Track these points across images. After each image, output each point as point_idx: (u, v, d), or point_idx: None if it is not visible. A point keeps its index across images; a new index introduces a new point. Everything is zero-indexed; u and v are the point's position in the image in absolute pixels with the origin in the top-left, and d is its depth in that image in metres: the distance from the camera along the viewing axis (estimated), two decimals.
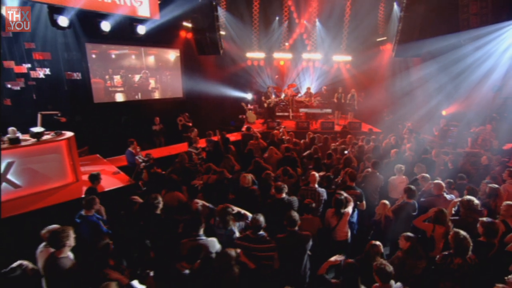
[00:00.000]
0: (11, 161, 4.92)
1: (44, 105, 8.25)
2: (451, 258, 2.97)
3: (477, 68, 8.90)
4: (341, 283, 2.70)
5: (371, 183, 5.13)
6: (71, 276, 2.81)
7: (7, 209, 4.77)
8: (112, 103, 10.65)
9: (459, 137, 9.42)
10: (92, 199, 3.95)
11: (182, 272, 2.65)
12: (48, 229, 3.28)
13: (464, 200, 3.75)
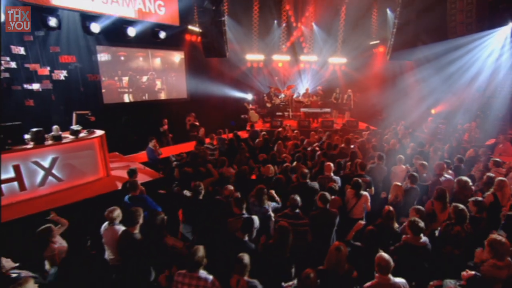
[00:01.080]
0: (55, 157, 5.41)
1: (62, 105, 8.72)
2: (452, 226, 3.70)
3: (464, 72, 9.86)
4: (364, 246, 3.39)
5: (376, 173, 5.87)
6: (143, 247, 3.39)
7: (52, 201, 5.26)
8: (121, 103, 11.09)
9: (447, 133, 10.34)
10: (135, 181, 4.55)
11: (243, 239, 3.28)
12: (110, 210, 3.80)
13: (461, 180, 4.54)
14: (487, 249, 3.10)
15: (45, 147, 5.32)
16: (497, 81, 9.48)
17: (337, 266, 2.84)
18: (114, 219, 3.73)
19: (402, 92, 12.31)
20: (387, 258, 2.73)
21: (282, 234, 3.25)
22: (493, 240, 3.04)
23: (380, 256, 2.78)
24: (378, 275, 2.73)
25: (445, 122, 10.99)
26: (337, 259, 2.81)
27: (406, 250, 3.31)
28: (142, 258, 3.36)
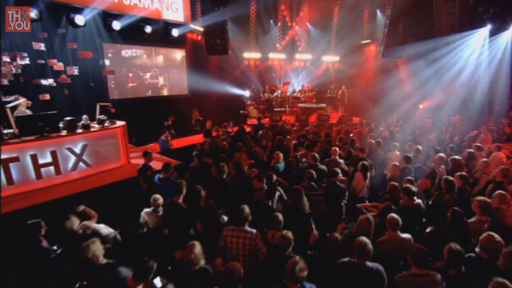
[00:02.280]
0: (85, 144, 5.93)
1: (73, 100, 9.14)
2: (443, 195, 4.46)
3: (449, 69, 10.84)
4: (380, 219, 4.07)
5: (375, 157, 6.62)
6: (186, 214, 3.99)
7: (83, 185, 5.78)
8: (125, 99, 11.53)
9: (434, 126, 11.28)
10: (169, 164, 5.11)
11: (268, 204, 3.96)
12: (155, 198, 4.32)
13: (455, 159, 5.37)
14: (476, 209, 3.84)
15: (77, 134, 5.84)
16: (478, 77, 10.49)
17: (367, 234, 3.43)
18: (159, 206, 4.28)
19: (392, 88, 13.20)
20: (396, 217, 3.40)
21: (296, 195, 3.92)
22: (482, 200, 3.80)
23: (390, 216, 3.45)
24: (389, 231, 3.40)
25: (431, 116, 11.95)
26: (368, 228, 3.42)
27: (404, 211, 4.02)
28: (185, 221, 3.96)
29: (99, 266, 2.75)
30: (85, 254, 2.71)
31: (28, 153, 5.23)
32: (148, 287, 2.63)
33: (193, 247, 2.70)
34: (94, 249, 2.74)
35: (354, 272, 2.74)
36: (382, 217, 3.78)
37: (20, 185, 5.23)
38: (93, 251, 2.73)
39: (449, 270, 2.83)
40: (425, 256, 2.75)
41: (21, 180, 5.23)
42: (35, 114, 5.68)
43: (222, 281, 2.42)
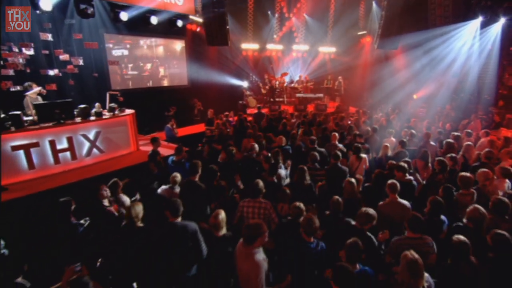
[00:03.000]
0: (98, 131, 6.26)
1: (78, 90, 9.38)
2: (436, 175, 4.93)
3: (442, 59, 11.33)
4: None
5: (371, 143, 7.08)
6: (203, 192, 4.39)
7: (98, 169, 6.14)
8: (126, 89, 11.77)
9: (427, 115, 11.81)
10: (181, 147, 5.48)
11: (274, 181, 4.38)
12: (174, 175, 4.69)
13: (449, 142, 5.84)
14: (459, 183, 4.32)
15: (90, 122, 6.17)
16: (469, 67, 11.02)
17: (351, 195, 3.97)
18: (176, 183, 4.66)
19: (387, 78, 13.67)
20: (395, 181, 3.90)
21: (300, 173, 4.36)
22: (463, 176, 4.28)
23: (390, 181, 3.94)
24: (390, 195, 3.87)
25: (425, 106, 12.47)
26: (351, 189, 3.94)
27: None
28: (202, 198, 4.36)
29: (137, 228, 3.15)
30: (130, 214, 3.11)
31: (47, 139, 5.56)
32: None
33: (218, 214, 3.11)
34: (138, 211, 3.14)
35: (354, 234, 3.17)
36: (376, 184, 4.32)
37: (40, 169, 5.56)
38: (137, 212, 3.13)
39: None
40: (419, 221, 3.20)
41: (41, 165, 5.56)
42: (52, 101, 5.97)
43: (306, 227, 2.84)
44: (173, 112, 11.41)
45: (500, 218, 3.35)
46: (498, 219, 3.33)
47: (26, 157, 5.35)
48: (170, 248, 3.11)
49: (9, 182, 5.17)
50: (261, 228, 2.69)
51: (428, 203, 3.58)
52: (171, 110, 11.44)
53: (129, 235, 3.12)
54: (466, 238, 2.76)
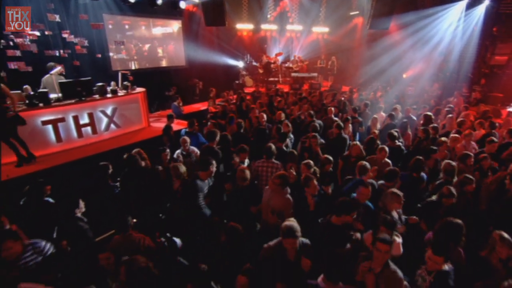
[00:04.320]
0: (115, 107, 6.87)
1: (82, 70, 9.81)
2: (422, 142, 5.79)
3: (430, 40, 12.13)
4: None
5: (363, 116, 7.90)
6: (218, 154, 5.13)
7: (117, 142, 6.79)
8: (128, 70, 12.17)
9: (416, 95, 12.70)
10: (193, 120, 6.16)
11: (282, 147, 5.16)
12: (184, 139, 5.45)
13: (427, 115, 6.71)
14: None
15: (107, 99, 6.76)
16: (453, 47, 11.87)
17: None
18: (187, 144, 5.36)
19: (378, 58, 14.40)
20: (394, 131, 4.86)
21: (303, 144, 5.16)
22: (439, 140, 5.15)
23: (390, 131, 4.80)
24: (389, 141, 4.79)
25: (413, 84, 13.34)
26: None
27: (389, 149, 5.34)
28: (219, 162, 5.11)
29: (186, 179, 3.94)
30: (177, 171, 3.95)
31: (71, 114, 6.16)
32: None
33: (243, 169, 3.90)
34: (184, 169, 3.95)
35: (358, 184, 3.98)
36: (369, 146, 5.22)
37: (66, 142, 6.19)
38: (183, 170, 3.93)
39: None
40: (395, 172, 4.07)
41: (67, 138, 6.19)
42: (74, 79, 6.49)
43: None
44: (174, 91, 11.94)
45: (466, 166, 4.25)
46: (464, 167, 4.22)
47: (54, 131, 5.96)
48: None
49: (41, 154, 5.81)
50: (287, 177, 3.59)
51: (412, 161, 4.41)
52: (172, 90, 11.97)
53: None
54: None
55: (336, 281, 2.34)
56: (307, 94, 10.22)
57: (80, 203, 3.44)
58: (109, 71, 11.48)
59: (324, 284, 2.33)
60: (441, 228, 2.93)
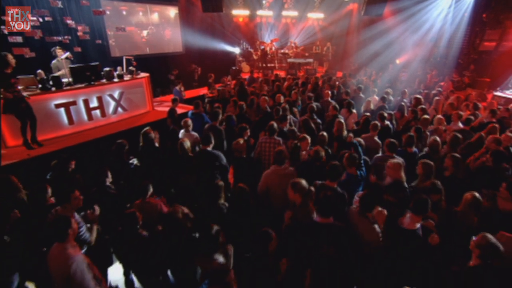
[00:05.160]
0: (121, 91, 7.26)
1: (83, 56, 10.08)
2: (410, 121, 6.34)
3: (421, 26, 12.64)
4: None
5: (357, 100, 8.42)
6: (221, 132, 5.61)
7: (124, 124, 7.21)
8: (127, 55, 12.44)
9: (408, 80, 13.26)
10: (198, 102, 6.59)
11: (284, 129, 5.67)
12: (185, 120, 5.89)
13: (416, 97, 7.26)
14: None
15: (115, 83, 7.14)
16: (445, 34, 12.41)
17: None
18: (188, 126, 5.81)
19: (372, 44, 14.89)
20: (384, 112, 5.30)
21: (305, 122, 5.66)
22: (428, 119, 5.70)
23: (374, 122, 5.31)
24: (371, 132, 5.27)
25: (406, 70, 13.88)
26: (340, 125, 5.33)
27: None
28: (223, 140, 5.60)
29: (189, 156, 4.42)
30: (183, 146, 4.38)
31: (81, 98, 6.54)
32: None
33: (239, 141, 4.41)
34: (189, 144, 4.39)
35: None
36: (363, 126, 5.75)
37: (77, 125, 6.60)
38: (188, 145, 4.39)
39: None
40: (394, 144, 4.60)
41: (78, 121, 6.59)
42: (84, 64, 6.84)
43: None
44: (176, 74, 12.32)
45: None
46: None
47: (66, 114, 6.35)
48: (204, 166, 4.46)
49: (55, 136, 6.23)
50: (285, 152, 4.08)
51: (403, 138, 4.93)
52: (174, 73, 12.35)
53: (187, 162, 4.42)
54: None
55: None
56: (304, 80, 10.68)
57: (108, 173, 3.91)
58: (108, 57, 11.76)
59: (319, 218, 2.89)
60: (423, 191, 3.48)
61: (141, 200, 3.67)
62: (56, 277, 2.66)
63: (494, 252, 2.46)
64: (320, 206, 2.93)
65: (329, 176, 3.58)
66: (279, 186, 3.82)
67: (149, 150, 5.01)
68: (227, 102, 8.13)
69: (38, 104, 5.81)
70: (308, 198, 3.33)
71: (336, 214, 2.99)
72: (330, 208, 2.88)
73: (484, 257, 2.49)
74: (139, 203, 3.68)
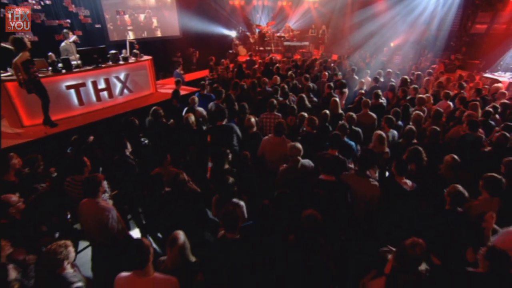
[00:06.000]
0: (127, 73, 7.64)
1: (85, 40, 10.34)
2: (400, 100, 6.86)
3: (414, 8, 13.03)
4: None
5: (351, 81, 8.90)
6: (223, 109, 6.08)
7: (130, 105, 7.63)
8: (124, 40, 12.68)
9: (402, 62, 13.73)
10: (203, 84, 7.04)
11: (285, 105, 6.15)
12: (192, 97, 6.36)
13: (403, 78, 7.75)
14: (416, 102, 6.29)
15: (120, 65, 7.51)
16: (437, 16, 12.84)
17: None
18: (195, 103, 6.28)
19: (366, 28, 15.25)
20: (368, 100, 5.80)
21: (300, 99, 6.14)
22: (419, 97, 6.22)
23: (364, 100, 5.82)
24: (363, 109, 5.78)
25: (399, 53, 14.33)
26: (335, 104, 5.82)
27: (373, 106, 6.39)
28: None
29: (193, 129, 4.92)
30: (188, 121, 4.87)
31: (90, 80, 6.93)
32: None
33: (250, 118, 4.89)
34: (193, 119, 4.89)
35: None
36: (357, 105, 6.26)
37: (87, 106, 7.01)
38: (192, 120, 4.88)
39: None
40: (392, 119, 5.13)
41: (87, 102, 7.00)
42: (92, 47, 7.19)
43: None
44: (180, 55, 12.67)
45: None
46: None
47: (76, 95, 6.75)
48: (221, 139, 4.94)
49: (66, 116, 6.65)
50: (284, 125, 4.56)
51: (391, 113, 5.47)
52: (177, 55, 12.71)
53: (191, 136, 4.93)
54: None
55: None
56: (301, 63, 11.11)
57: (127, 144, 4.39)
58: (107, 40, 12.00)
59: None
60: (408, 154, 4.03)
61: (161, 168, 4.16)
62: (92, 223, 3.19)
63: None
64: (324, 166, 3.49)
65: (331, 145, 4.12)
66: (272, 151, 4.52)
67: (158, 125, 5.47)
68: (227, 84, 8.57)
69: (51, 85, 6.19)
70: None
71: (337, 175, 3.58)
72: (333, 167, 3.46)
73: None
74: (159, 170, 4.16)
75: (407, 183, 3.52)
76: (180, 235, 2.52)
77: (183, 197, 3.44)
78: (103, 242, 3.27)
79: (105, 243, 3.28)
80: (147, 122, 5.68)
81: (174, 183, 3.46)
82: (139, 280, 2.24)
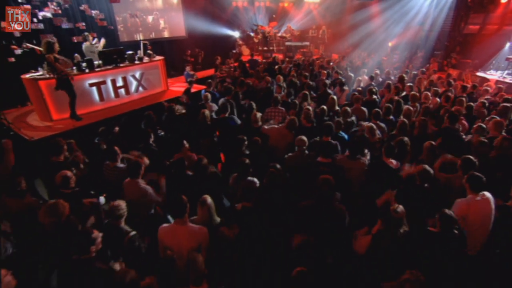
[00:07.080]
0: (142, 72, 8.36)
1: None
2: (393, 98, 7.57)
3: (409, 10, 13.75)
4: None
5: (349, 80, 9.61)
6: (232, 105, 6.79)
7: (145, 101, 8.35)
8: (133, 41, 13.39)
9: (398, 61, 14.43)
10: (210, 82, 7.75)
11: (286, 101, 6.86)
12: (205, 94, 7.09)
13: (401, 75, 8.45)
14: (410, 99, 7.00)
15: (136, 65, 8.24)
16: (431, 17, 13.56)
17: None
18: (208, 100, 6.98)
19: (365, 28, 15.95)
20: (359, 95, 6.50)
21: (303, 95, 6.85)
22: (413, 93, 6.93)
23: (356, 95, 6.53)
24: (355, 104, 6.49)
25: (398, 52, 15.04)
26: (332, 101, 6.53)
27: (367, 102, 7.10)
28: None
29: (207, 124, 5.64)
30: (204, 115, 5.60)
31: (109, 78, 7.65)
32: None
33: (256, 114, 5.60)
34: (208, 112, 5.60)
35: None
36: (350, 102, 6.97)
37: (107, 102, 7.74)
38: (207, 114, 5.59)
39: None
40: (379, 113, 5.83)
41: (107, 98, 7.73)
42: (112, 49, 7.92)
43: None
44: (190, 53, 13.39)
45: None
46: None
47: (97, 92, 7.48)
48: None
49: (89, 111, 7.38)
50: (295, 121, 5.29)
51: (384, 109, 6.19)
52: (187, 53, 13.43)
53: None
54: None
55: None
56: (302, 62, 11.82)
57: (151, 134, 5.10)
58: (117, 42, 12.70)
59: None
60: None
61: (180, 153, 4.86)
62: (133, 197, 3.90)
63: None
64: (321, 150, 4.22)
65: (324, 133, 4.83)
66: (279, 140, 5.31)
67: (173, 119, 6.19)
68: (235, 81, 9.30)
69: (76, 83, 6.89)
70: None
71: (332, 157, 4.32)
72: (328, 150, 4.19)
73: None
74: (178, 155, 4.87)
75: (392, 163, 4.24)
76: (208, 197, 3.23)
77: (206, 180, 4.13)
78: (145, 214, 3.95)
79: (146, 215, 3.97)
80: (164, 117, 6.40)
81: (197, 167, 4.15)
82: (179, 227, 2.97)
